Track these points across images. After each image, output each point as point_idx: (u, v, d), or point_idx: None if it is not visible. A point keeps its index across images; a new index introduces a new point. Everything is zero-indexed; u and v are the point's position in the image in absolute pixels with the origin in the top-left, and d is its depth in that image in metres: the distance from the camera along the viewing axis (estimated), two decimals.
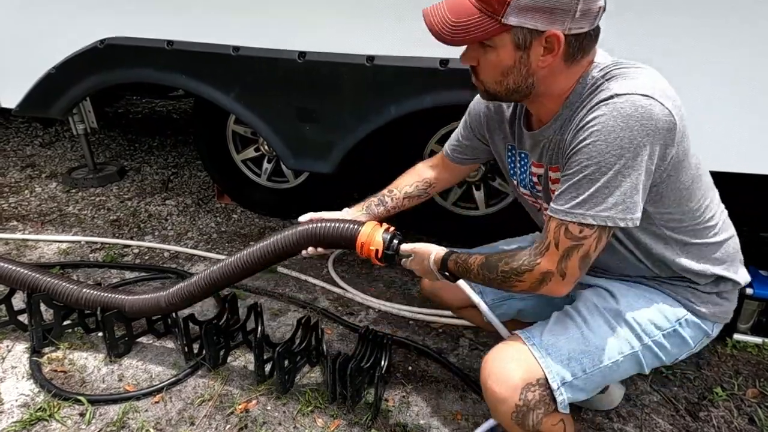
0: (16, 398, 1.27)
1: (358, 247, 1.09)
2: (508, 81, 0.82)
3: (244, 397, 1.33)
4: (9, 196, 2.31)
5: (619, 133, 0.74)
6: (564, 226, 0.81)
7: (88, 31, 1.40)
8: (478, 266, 0.93)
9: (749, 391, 1.41)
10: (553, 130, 0.88)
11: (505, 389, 0.86)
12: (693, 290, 0.96)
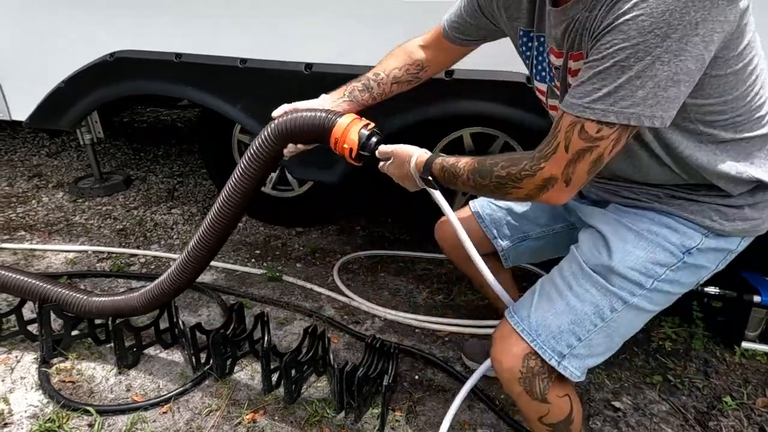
0: (25, 409, 1.28)
1: (332, 142, 0.99)
2: None
3: (251, 407, 1.33)
4: (17, 206, 2.33)
5: (670, 5, 0.60)
6: (580, 124, 0.69)
7: (98, 44, 1.43)
8: (469, 171, 0.84)
9: (759, 400, 1.40)
10: (583, 4, 0.72)
11: (510, 359, 0.88)
12: (719, 206, 0.83)
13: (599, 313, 0.86)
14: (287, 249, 2.13)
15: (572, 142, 0.71)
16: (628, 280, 0.86)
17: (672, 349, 1.59)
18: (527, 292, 0.96)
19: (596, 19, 0.69)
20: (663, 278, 0.86)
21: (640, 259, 0.86)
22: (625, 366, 1.53)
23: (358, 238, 2.24)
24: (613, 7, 0.65)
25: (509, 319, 0.92)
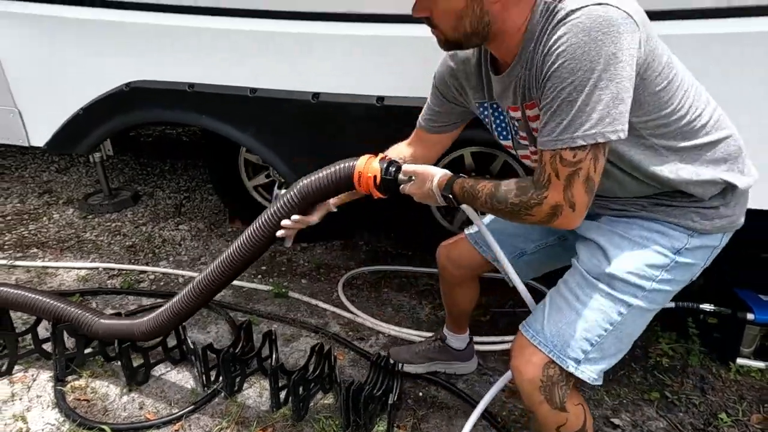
0: (43, 428, 1.32)
1: (356, 180, 1.06)
2: (465, 24, 0.83)
3: (260, 424, 1.37)
4: (29, 224, 2.39)
5: (585, 47, 0.73)
6: (557, 155, 0.79)
7: (115, 74, 1.49)
8: (487, 195, 0.91)
9: (753, 416, 1.44)
10: (520, 66, 0.86)
11: (530, 369, 0.93)
12: (698, 209, 0.93)
13: (607, 318, 0.93)
14: (292, 264, 2.18)
15: (559, 170, 0.80)
16: (629, 284, 0.93)
17: (669, 365, 1.63)
18: (539, 306, 1.02)
19: (534, 73, 0.83)
20: (660, 279, 0.93)
21: (637, 264, 0.93)
22: (624, 382, 1.56)
23: (361, 253, 2.29)
24: (545, 60, 0.79)
25: (525, 333, 0.98)
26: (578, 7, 0.75)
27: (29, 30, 1.52)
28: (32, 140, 1.70)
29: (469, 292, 1.39)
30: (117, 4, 1.41)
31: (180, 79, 1.39)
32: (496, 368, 1.60)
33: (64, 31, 1.49)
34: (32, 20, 1.49)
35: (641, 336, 1.74)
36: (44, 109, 1.63)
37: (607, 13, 0.73)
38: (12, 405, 1.39)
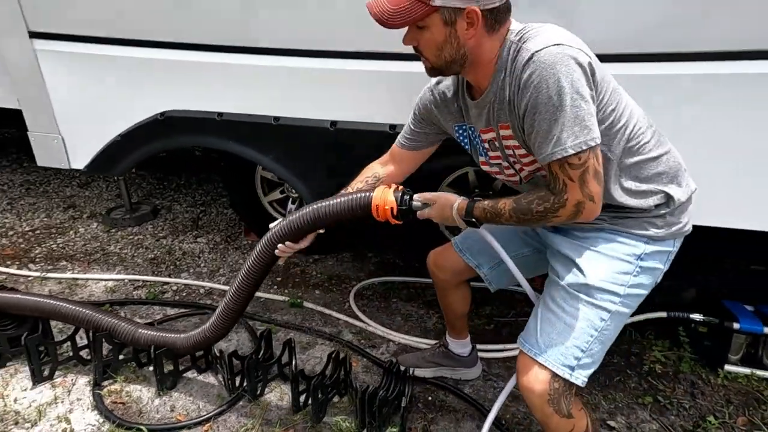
0: (84, 428, 1.44)
1: (374, 210, 1.16)
2: (445, 54, 0.98)
3: (282, 425, 1.48)
4: (57, 237, 2.52)
5: (553, 78, 0.89)
6: (564, 162, 0.92)
7: (150, 105, 1.63)
8: (510, 211, 1.04)
9: (739, 419, 1.54)
10: (493, 93, 1.02)
11: (539, 386, 1.05)
12: (649, 219, 1.07)
13: (592, 324, 1.05)
14: (306, 276, 2.30)
15: (571, 175, 0.94)
16: (606, 291, 1.05)
17: (662, 371, 1.74)
18: (530, 322, 1.14)
19: (510, 101, 0.98)
20: (630, 284, 1.06)
21: (609, 273, 1.06)
22: (620, 388, 1.67)
23: (371, 264, 2.41)
24: (521, 95, 0.94)
25: (522, 348, 1.10)
26: (540, 48, 0.91)
27: (75, 66, 1.67)
28: (73, 163, 1.84)
29: (460, 295, 1.51)
30: (152, 43, 1.56)
31: (209, 108, 1.53)
32: (500, 374, 1.72)
33: (105, 67, 1.64)
34: (78, 58, 1.65)
35: (636, 344, 1.88)
36: (85, 136, 1.77)
37: (564, 50, 0.90)
38: (55, 407, 1.51)
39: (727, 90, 1.28)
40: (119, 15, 1.59)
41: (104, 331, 1.55)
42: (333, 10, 1.42)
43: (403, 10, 0.92)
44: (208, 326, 1.49)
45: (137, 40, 1.61)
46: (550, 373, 1.04)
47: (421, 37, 0.98)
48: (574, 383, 1.05)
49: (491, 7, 0.93)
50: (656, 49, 1.29)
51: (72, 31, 1.61)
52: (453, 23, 0.94)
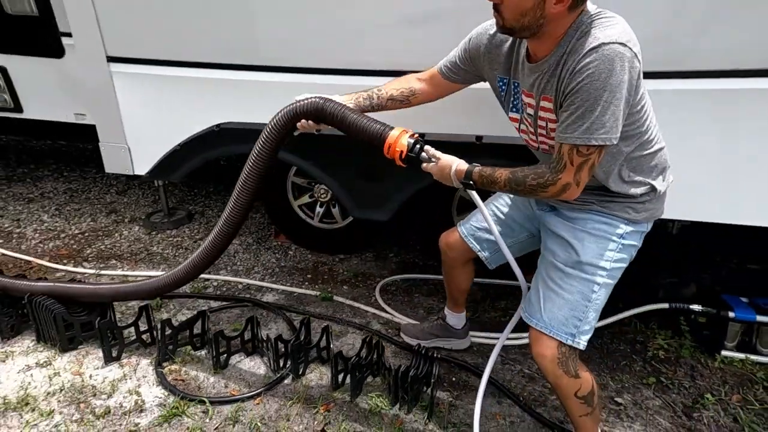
0: (153, 399, 1.63)
1: (386, 147, 1.24)
2: (525, 20, 1.02)
3: (323, 400, 1.66)
4: (104, 239, 2.74)
5: (608, 74, 0.98)
6: (576, 148, 1.04)
7: (207, 118, 1.86)
8: (506, 180, 1.16)
9: (734, 396, 1.71)
10: (549, 64, 1.09)
11: (549, 352, 1.24)
12: (631, 203, 1.22)
13: (586, 296, 1.24)
14: (333, 273, 2.50)
15: (574, 159, 1.07)
16: (594, 266, 1.23)
17: (665, 357, 1.91)
18: (532, 297, 1.31)
19: (560, 77, 1.06)
20: (614, 259, 1.24)
21: (596, 250, 1.24)
22: (626, 370, 1.85)
23: (392, 263, 2.60)
24: (573, 76, 1.02)
25: (529, 322, 1.30)
26: (608, 42, 0.98)
27: (143, 85, 1.91)
28: (136, 170, 2.06)
29: (465, 273, 1.70)
30: (209, 65, 1.80)
31: (258, 121, 1.73)
32: (516, 359, 1.89)
33: (168, 86, 1.87)
34: (146, 78, 1.89)
35: (641, 333, 2.05)
36: (148, 145, 2.00)
37: (625, 52, 0.99)
38: (125, 383, 1.70)
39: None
40: (181, 42, 1.83)
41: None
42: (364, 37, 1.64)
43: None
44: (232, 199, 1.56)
45: (196, 62, 1.84)
46: (557, 341, 1.24)
47: (509, 0, 1.01)
48: (577, 347, 1.24)
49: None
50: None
51: (142, 55, 1.86)
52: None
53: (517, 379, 1.79)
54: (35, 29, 2.26)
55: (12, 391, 1.65)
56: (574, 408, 1.31)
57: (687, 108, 1.50)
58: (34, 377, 1.71)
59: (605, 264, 1.24)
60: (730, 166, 1.57)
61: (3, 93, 2.51)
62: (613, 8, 1.07)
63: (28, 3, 2.21)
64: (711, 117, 1.51)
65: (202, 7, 1.76)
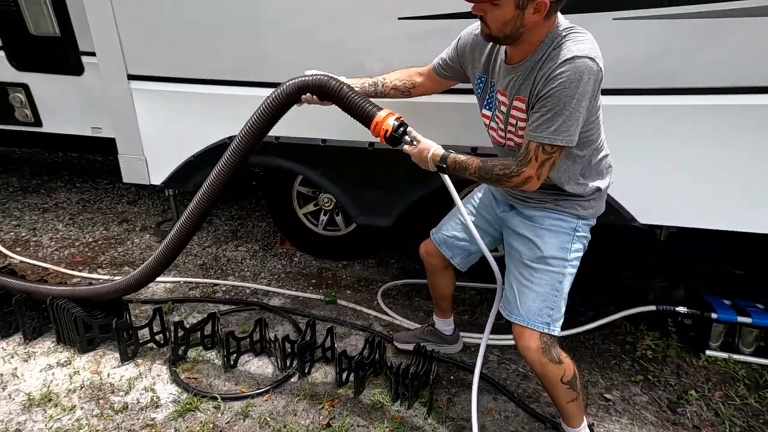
0: (168, 396, 1.73)
1: (372, 125, 1.36)
2: (506, 30, 1.14)
3: (328, 397, 1.76)
4: (117, 247, 2.85)
5: (577, 83, 1.10)
6: (542, 146, 1.17)
7: (220, 131, 1.99)
8: (476, 167, 1.28)
9: (716, 393, 1.81)
10: (525, 67, 1.20)
11: (533, 343, 1.36)
12: (580, 202, 1.36)
13: (554, 287, 1.37)
14: (337, 278, 2.61)
15: (538, 156, 1.19)
16: (557, 258, 1.37)
17: (652, 356, 2.01)
18: (509, 296, 1.43)
19: (536, 82, 1.17)
20: (572, 249, 1.38)
21: (556, 244, 1.37)
22: (615, 369, 1.94)
23: (394, 269, 2.71)
24: (548, 82, 1.14)
25: (510, 319, 1.41)
26: (580, 56, 1.11)
27: (160, 101, 2.05)
28: (152, 180, 2.18)
29: (447, 278, 1.80)
30: (222, 81, 1.94)
31: (269, 133, 1.86)
32: (511, 358, 1.99)
33: (184, 101, 2.02)
34: (163, 94, 2.03)
35: (630, 334, 2.15)
36: (164, 157, 2.13)
37: (593, 66, 1.11)
38: (141, 381, 1.80)
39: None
40: (196, 60, 1.97)
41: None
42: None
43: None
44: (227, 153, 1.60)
45: (209, 80, 1.98)
46: (538, 332, 1.36)
47: (491, 11, 1.12)
48: (554, 334, 1.36)
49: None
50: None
51: (160, 73, 1.99)
52: (524, 7, 1.10)
53: (512, 378, 1.89)
54: (57, 49, 2.41)
55: (35, 389, 1.75)
56: (561, 394, 1.41)
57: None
58: (55, 376, 1.82)
59: (565, 255, 1.37)
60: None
61: (25, 108, 2.64)
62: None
63: (51, 24, 2.35)
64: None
65: (215, 29, 1.90)
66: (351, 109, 1.41)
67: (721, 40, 1.47)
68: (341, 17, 1.79)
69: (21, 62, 2.56)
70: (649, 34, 1.52)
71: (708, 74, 1.53)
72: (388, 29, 1.71)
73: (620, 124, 1.61)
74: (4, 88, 2.65)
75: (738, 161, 1.62)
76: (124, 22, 1.94)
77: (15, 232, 3.00)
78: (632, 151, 1.66)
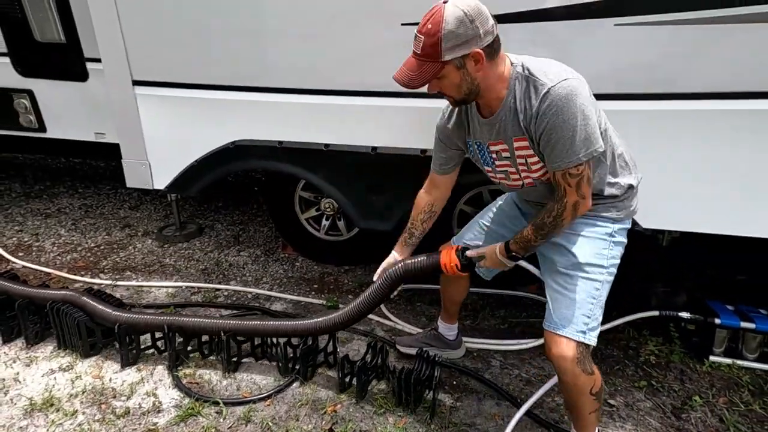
0: (169, 401, 1.73)
1: (444, 268, 1.51)
2: (463, 90, 1.20)
3: (330, 402, 1.75)
4: (119, 251, 2.86)
5: (569, 108, 1.12)
6: (567, 172, 1.19)
7: (223, 135, 2.00)
8: (533, 233, 1.31)
9: (720, 399, 1.79)
10: (504, 113, 1.24)
11: (569, 352, 1.30)
12: (614, 203, 1.35)
13: (590, 294, 1.33)
14: (339, 283, 2.60)
15: (569, 182, 1.22)
16: (594, 265, 1.34)
17: (656, 362, 2.00)
18: (547, 306, 1.40)
19: (526, 122, 1.20)
20: (609, 256, 1.35)
21: (593, 250, 1.35)
22: (619, 375, 1.93)
23: None
24: (540, 121, 1.17)
25: (546, 327, 1.37)
26: (555, 83, 1.14)
27: (164, 106, 2.07)
28: (155, 185, 2.19)
29: (462, 285, 1.81)
30: (225, 87, 1.96)
31: (272, 138, 1.88)
32: (514, 364, 1.98)
33: (187, 106, 2.04)
34: (167, 99, 2.05)
35: (633, 340, 2.15)
36: (167, 162, 2.14)
37: (573, 82, 1.15)
38: (143, 386, 1.80)
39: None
40: (200, 66, 1.99)
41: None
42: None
43: (425, 73, 1.16)
44: (335, 315, 1.73)
45: (213, 85, 2.00)
46: (574, 341, 1.31)
47: (442, 84, 1.20)
48: (590, 344, 1.32)
49: (488, 44, 1.15)
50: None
51: (164, 79, 2.02)
52: (463, 66, 1.16)
53: (515, 383, 1.88)
54: (62, 55, 2.43)
55: (37, 393, 1.75)
56: (586, 405, 1.37)
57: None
58: (57, 380, 1.81)
59: (602, 262, 1.35)
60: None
61: (29, 114, 2.66)
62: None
63: (57, 31, 2.38)
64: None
65: (219, 36, 1.93)
66: (422, 272, 1.56)
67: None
68: (342, 21, 1.80)
69: (26, 68, 2.59)
70: (653, 40, 1.54)
71: (710, 78, 1.55)
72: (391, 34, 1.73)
73: (622, 129, 1.63)
74: (9, 94, 2.67)
75: (741, 165, 1.63)
76: (129, 29, 1.97)
77: (18, 237, 3.00)
78: (636, 155, 1.66)
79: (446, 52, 1.13)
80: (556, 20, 1.57)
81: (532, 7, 1.57)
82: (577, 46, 1.59)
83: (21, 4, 2.38)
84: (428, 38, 1.13)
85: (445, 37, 1.12)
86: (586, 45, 1.57)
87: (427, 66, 1.16)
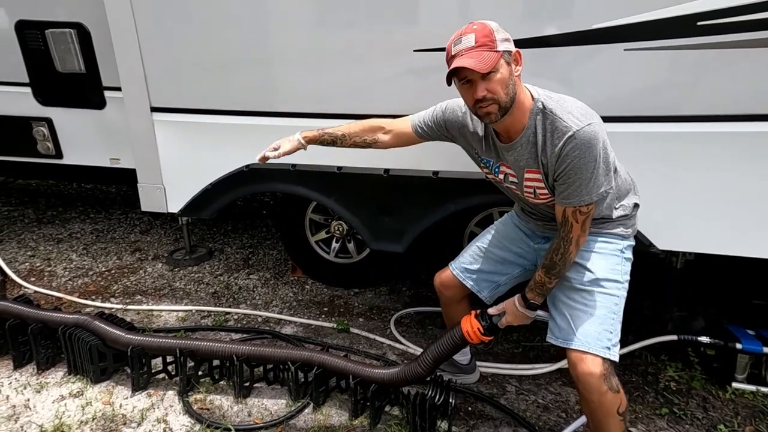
0: (180, 428, 1.69)
1: (468, 338, 1.51)
2: (510, 89, 1.20)
3: (343, 428, 1.71)
4: (129, 276, 2.87)
5: (591, 152, 1.17)
6: (578, 209, 1.24)
7: (237, 159, 2.04)
8: (545, 275, 1.33)
9: (747, 428, 1.73)
10: (522, 143, 1.28)
11: (597, 369, 1.27)
12: (622, 222, 1.39)
13: (611, 309, 1.33)
14: (349, 306, 2.58)
15: (578, 218, 1.27)
16: (611, 280, 1.35)
17: (676, 388, 1.94)
18: (560, 323, 1.38)
19: (546, 158, 1.24)
20: (623, 272, 1.38)
21: (607, 266, 1.36)
22: (639, 402, 1.88)
23: (406, 297, 2.68)
24: (560, 162, 1.21)
25: (567, 345, 1.34)
26: (580, 128, 1.18)
27: (180, 131, 2.13)
28: (170, 208, 2.22)
29: (462, 309, 1.76)
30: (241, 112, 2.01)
31: (285, 161, 1.90)
32: (529, 389, 1.94)
33: (203, 131, 2.09)
34: (183, 125, 2.11)
35: (651, 365, 2.10)
36: (182, 185, 2.18)
37: (594, 127, 1.19)
38: (153, 411, 1.77)
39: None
40: (215, 93, 2.05)
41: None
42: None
43: (487, 59, 1.17)
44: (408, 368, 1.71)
45: (227, 110, 2.05)
46: (601, 358, 1.28)
47: (492, 80, 1.18)
48: (614, 360, 1.30)
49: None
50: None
51: (180, 105, 2.07)
52: (510, 62, 1.20)
53: (531, 409, 1.83)
54: (82, 84, 2.51)
55: (48, 420, 1.72)
56: (613, 427, 1.32)
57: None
58: (67, 407, 1.79)
59: (618, 276, 1.36)
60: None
61: (47, 141, 2.73)
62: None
63: (78, 62, 2.46)
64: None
65: (233, 64, 1.99)
66: (447, 352, 1.59)
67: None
68: (353, 50, 1.86)
69: (46, 98, 2.67)
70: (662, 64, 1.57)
71: (723, 101, 1.57)
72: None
73: (635, 150, 1.64)
74: (29, 123, 2.75)
75: (757, 187, 1.63)
76: (149, 57, 2.04)
77: (30, 263, 3.02)
78: (649, 177, 1.66)
79: (500, 42, 1.18)
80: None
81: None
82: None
83: (44, 38, 2.48)
84: (479, 33, 1.18)
85: (496, 30, 1.19)
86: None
87: (487, 54, 1.17)
